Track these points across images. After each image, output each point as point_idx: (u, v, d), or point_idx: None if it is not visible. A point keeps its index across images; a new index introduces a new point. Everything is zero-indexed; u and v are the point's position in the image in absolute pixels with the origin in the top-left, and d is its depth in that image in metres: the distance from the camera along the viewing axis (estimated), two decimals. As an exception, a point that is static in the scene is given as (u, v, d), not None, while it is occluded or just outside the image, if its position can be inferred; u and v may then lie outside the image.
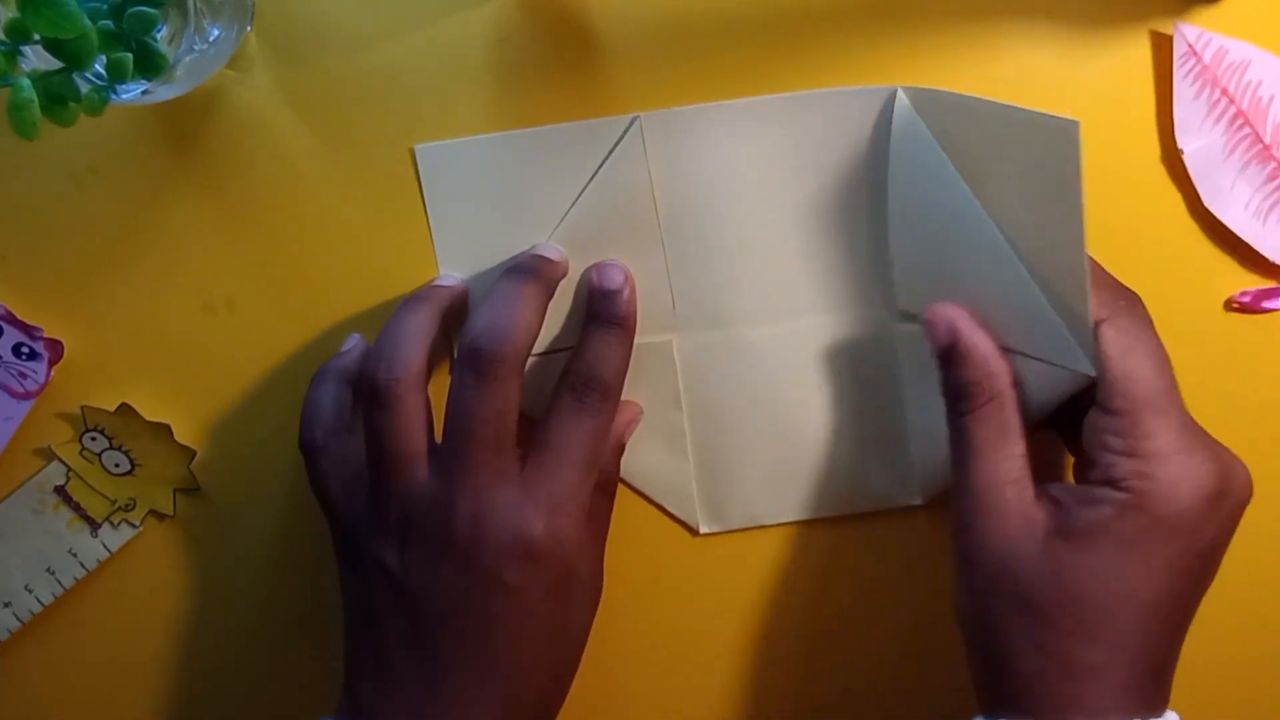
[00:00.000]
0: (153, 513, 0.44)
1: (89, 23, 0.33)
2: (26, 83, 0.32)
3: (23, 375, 0.42)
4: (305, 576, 0.44)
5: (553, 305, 0.41)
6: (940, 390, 0.38)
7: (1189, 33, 0.40)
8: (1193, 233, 0.42)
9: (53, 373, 0.42)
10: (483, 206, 0.42)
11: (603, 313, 0.40)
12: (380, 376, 0.38)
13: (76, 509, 0.44)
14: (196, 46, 0.38)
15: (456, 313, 0.42)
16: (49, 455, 0.43)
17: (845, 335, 0.42)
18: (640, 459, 0.43)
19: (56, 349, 0.42)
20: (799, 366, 0.43)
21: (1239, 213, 0.41)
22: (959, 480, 0.37)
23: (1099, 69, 0.41)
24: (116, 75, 0.34)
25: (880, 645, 0.44)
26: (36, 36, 0.33)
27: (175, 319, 0.43)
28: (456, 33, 0.41)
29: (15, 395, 0.42)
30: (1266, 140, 0.41)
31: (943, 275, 0.39)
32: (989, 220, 0.38)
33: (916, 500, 0.43)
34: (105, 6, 0.34)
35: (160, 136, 0.42)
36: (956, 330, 0.38)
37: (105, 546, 0.44)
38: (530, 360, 0.42)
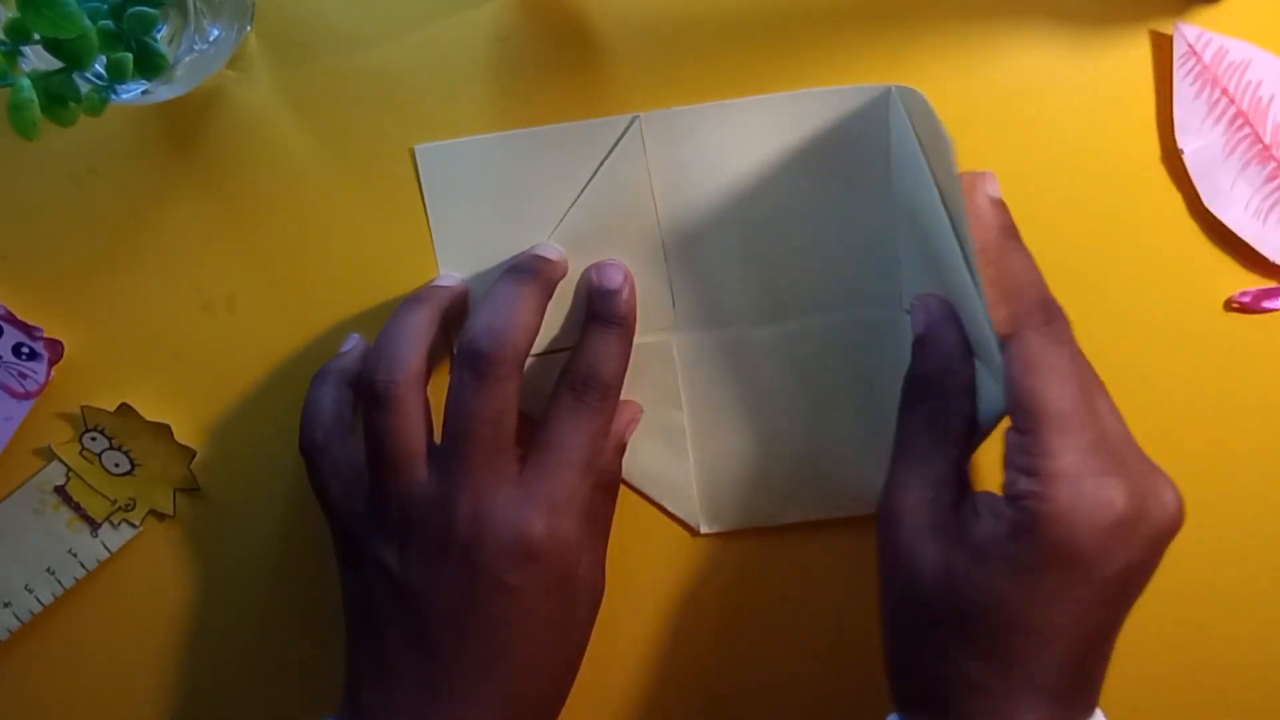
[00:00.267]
0: (153, 513, 0.44)
1: (89, 23, 0.33)
2: (26, 83, 0.32)
3: (23, 375, 0.42)
4: (305, 576, 0.44)
5: (552, 305, 0.41)
6: None
7: (1189, 33, 0.40)
8: (1193, 233, 0.42)
9: (53, 373, 0.42)
10: (483, 206, 0.42)
11: (602, 312, 0.40)
12: (379, 378, 0.38)
13: (76, 509, 0.44)
14: (196, 46, 0.38)
15: (456, 313, 0.42)
16: (49, 455, 0.43)
17: (845, 335, 0.42)
18: (641, 459, 0.43)
19: (56, 349, 0.42)
20: (799, 366, 0.43)
21: (1239, 213, 0.41)
22: (887, 475, 0.37)
23: (1099, 69, 0.41)
24: (116, 75, 0.34)
25: (881, 645, 0.44)
26: (36, 36, 0.33)
27: (175, 319, 0.43)
28: (456, 33, 0.41)
29: (15, 395, 0.42)
30: (1266, 140, 0.41)
31: (933, 276, 0.39)
32: (950, 228, 0.37)
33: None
34: (105, 6, 0.34)
35: (160, 136, 0.42)
36: (929, 322, 0.37)
37: (105, 546, 0.44)
38: (530, 360, 0.42)
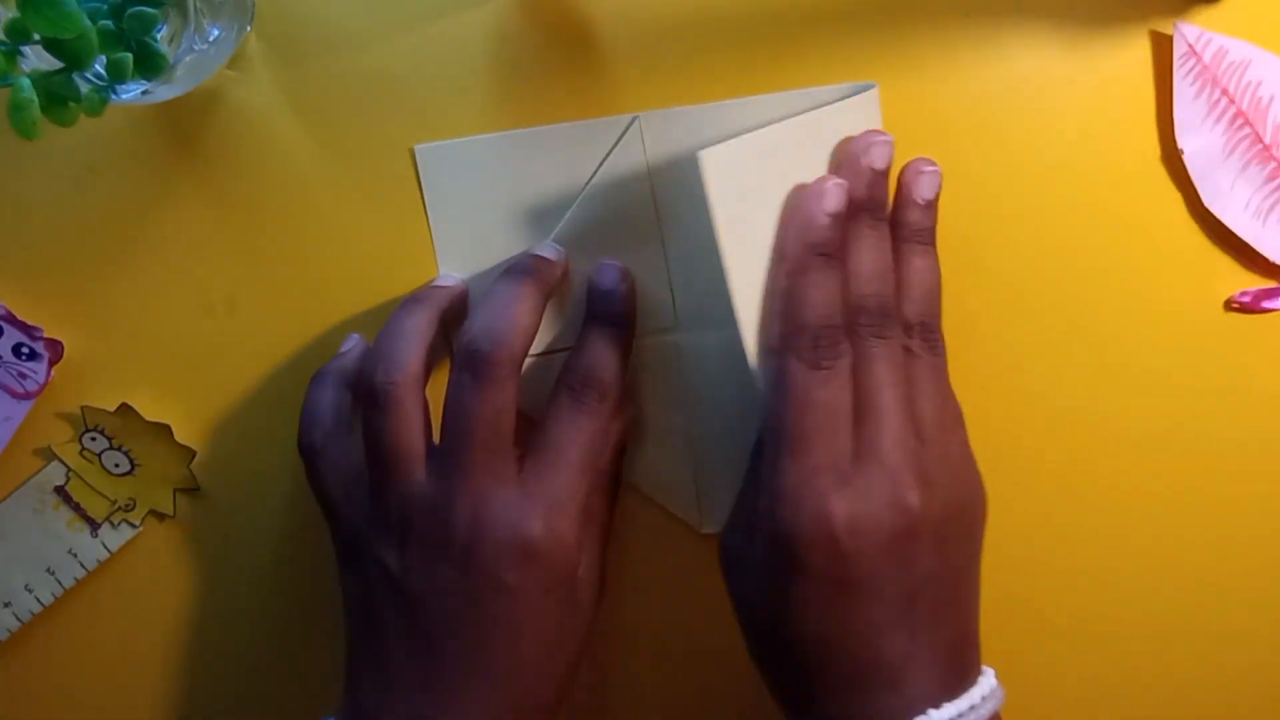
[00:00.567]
0: (153, 513, 0.44)
1: (89, 23, 0.33)
2: (26, 83, 0.32)
3: (23, 375, 0.42)
4: (305, 576, 0.44)
5: (553, 305, 0.41)
6: None
7: (1189, 33, 0.40)
8: (1193, 233, 0.42)
9: (53, 373, 0.42)
10: (482, 206, 0.42)
11: (601, 313, 0.40)
12: (378, 379, 0.38)
13: (76, 509, 0.44)
14: (196, 46, 0.38)
15: (456, 313, 0.42)
16: (49, 455, 0.43)
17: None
18: (642, 459, 0.43)
19: (56, 349, 0.42)
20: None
21: (1239, 213, 0.41)
22: None
23: (1099, 69, 0.41)
24: (116, 75, 0.34)
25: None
26: (36, 36, 0.33)
27: (175, 319, 0.43)
28: (456, 33, 0.41)
29: (15, 395, 0.42)
30: (1266, 140, 0.41)
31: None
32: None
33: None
34: (105, 6, 0.34)
35: (160, 136, 0.42)
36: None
37: (105, 546, 0.44)
38: (530, 360, 0.42)
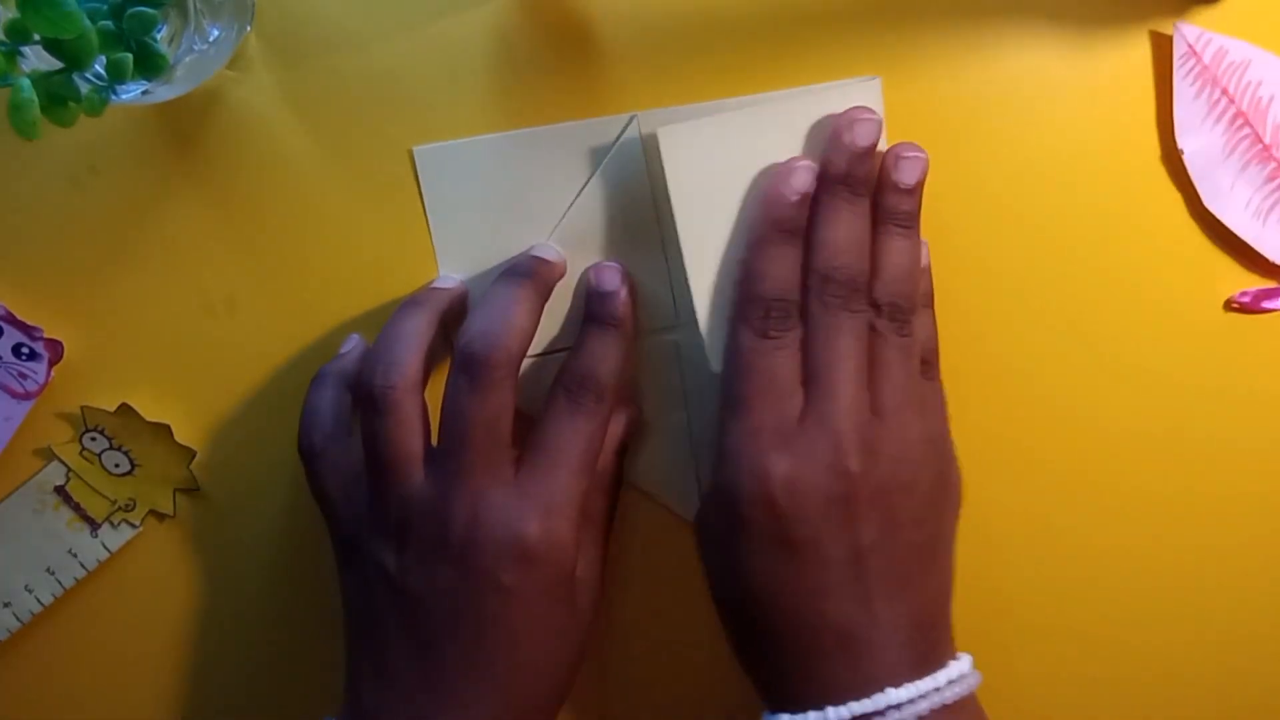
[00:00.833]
0: (153, 513, 0.44)
1: (89, 23, 0.33)
2: (26, 83, 0.32)
3: (23, 375, 0.42)
4: (305, 576, 0.44)
5: (553, 305, 0.41)
6: None
7: (1189, 33, 0.40)
8: (1193, 233, 0.42)
9: (53, 373, 0.42)
10: (482, 207, 0.42)
11: (599, 313, 0.40)
12: (377, 383, 0.38)
13: (76, 509, 0.44)
14: (196, 46, 0.38)
15: (456, 314, 0.42)
16: (49, 455, 0.43)
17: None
18: (644, 458, 0.43)
19: (56, 349, 0.42)
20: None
21: (1239, 213, 0.41)
22: None
23: (1099, 69, 0.41)
24: (116, 75, 0.34)
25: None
26: (36, 36, 0.33)
27: (175, 319, 0.43)
28: (456, 33, 0.41)
29: (15, 395, 0.42)
30: (1266, 140, 0.41)
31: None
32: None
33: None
34: (105, 6, 0.34)
35: (160, 136, 0.42)
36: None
37: (105, 546, 0.44)
38: (530, 361, 0.42)
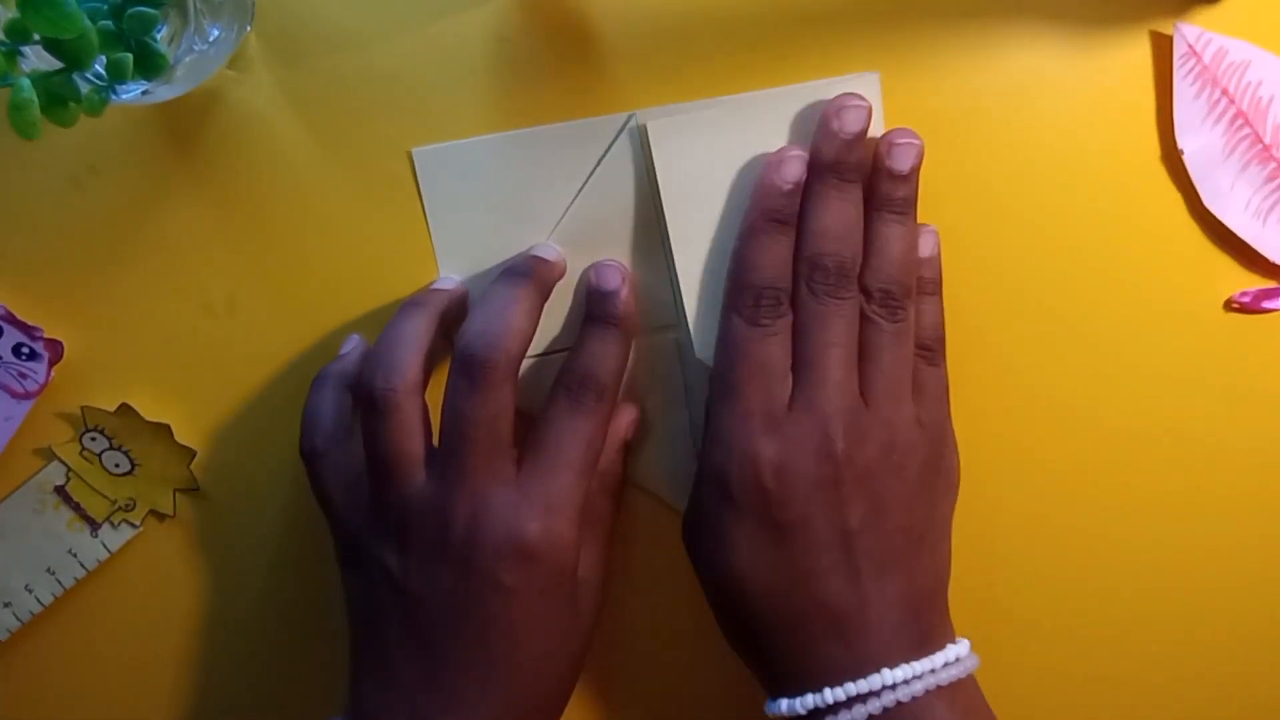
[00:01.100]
0: (153, 513, 0.44)
1: (89, 23, 0.32)
2: (26, 83, 0.32)
3: (23, 375, 0.42)
4: (306, 576, 0.44)
5: (553, 305, 0.41)
6: None
7: (1189, 33, 0.40)
8: (1193, 233, 0.42)
9: (53, 373, 0.42)
10: (481, 207, 0.42)
11: (599, 313, 0.40)
12: (378, 385, 0.38)
13: (76, 509, 0.44)
14: (196, 46, 0.38)
15: (456, 315, 0.42)
16: (49, 455, 0.43)
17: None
18: (646, 457, 0.43)
19: (56, 349, 0.42)
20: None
21: (1239, 213, 0.41)
22: None
23: (1099, 69, 0.41)
24: (116, 75, 0.34)
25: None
26: (36, 36, 0.33)
27: (175, 319, 0.43)
28: (456, 33, 0.41)
29: (15, 395, 0.42)
30: (1266, 140, 0.41)
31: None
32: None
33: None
34: (105, 6, 0.34)
35: (160, 136, 0.42)
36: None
37: (105, 546, 0.44)
38: (531, 361, 0.42)
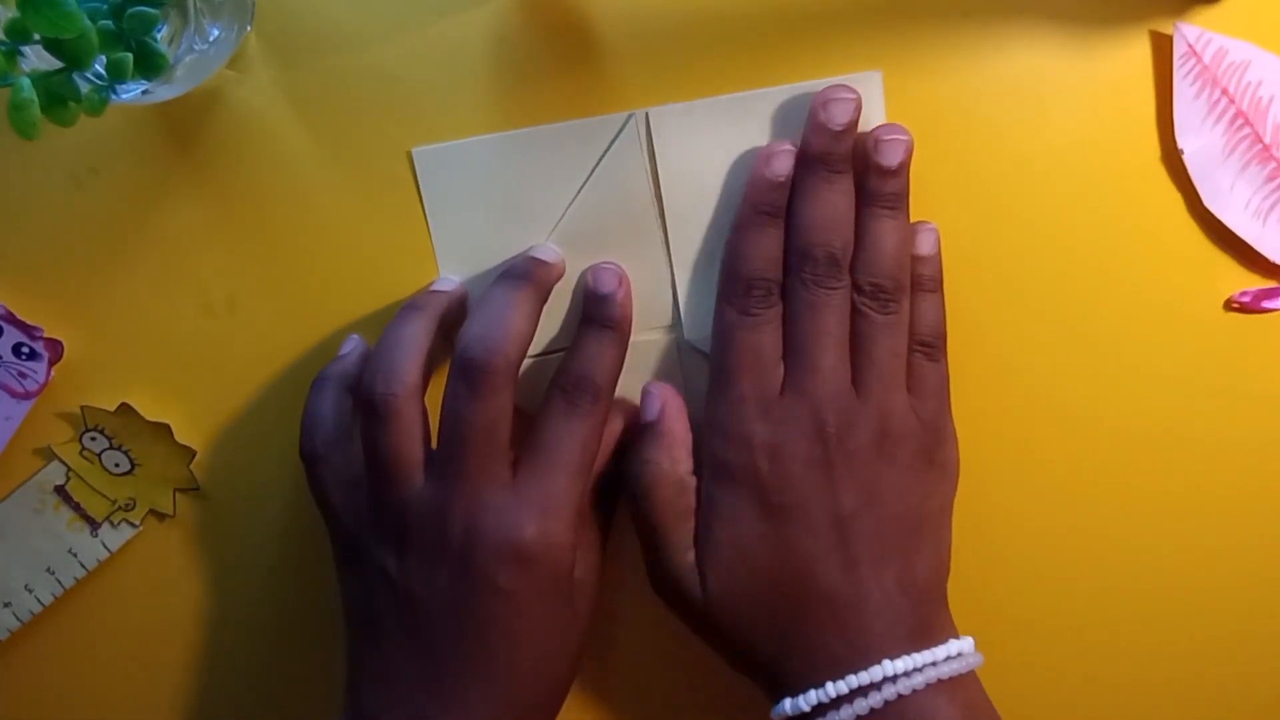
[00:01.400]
0: (153, 513, 0.44)
1: (89, 23, 0.33)
2: (26, 83, 0.32)
3: (23, 375, 0.42)
4: (306, 576, 0.44)
5: (551, 305, 0.41)
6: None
7: (1189, 33, 0.40)
8: (1193, 233, 0.42)
9: (53, 373, 0.42)
10: (481, 208, 0.42)
11: (596, 315, 0.40)
12: (378, 390, 0.38)
13: (76, 509, 0.44)
14: (196, 46, 0.38)
15: (456, 317, 0.42)
16: (49, 455, 0.43)
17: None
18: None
19: (56, 349, 0.42)
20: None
21: (1239, 213, 0.41)
22: None
23: (1099, 69, 0.41)
24: (116, 75, 0.34)
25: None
26: (36, 36, 0.33)
27: (175, 319, 0.43)
28: (456, 33, 0.41)
29: (15, 395, 0.42)
30: (1266, 140, 0.41)
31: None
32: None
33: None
34: (105, 6, 0.34)
35: (160, 136, 0.42)
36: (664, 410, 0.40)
37: (105, 546, 0.44)
38: (529, 361, 0.42)
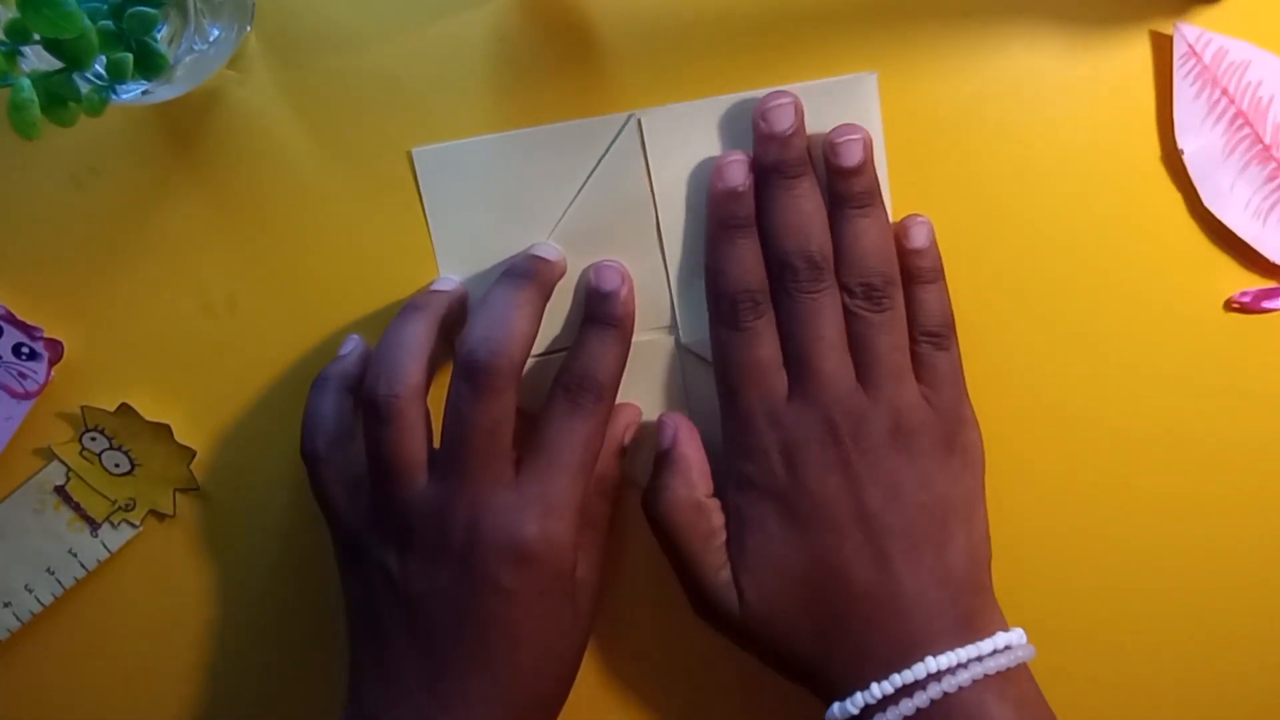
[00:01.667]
0: (153, 513, 0.44)
1: (89, 23, 0.33)
2: (26, 83, 0.32)
3: (23, 375, 0.42)
4: (306, 577, 0.44)
5: (553, 305, 0.41)
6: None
7: (1189, 33, 0.40)
8: (1193, 233, 0.42)
9: (53, 373, 0.42)
10: (481, 207, 0.42)
11: (599, 314, 0.40)
12: (380, 391, 0.38)
13: (76, 509, 0.44)
14: (196, 46, 0.38)
15: (457, 316, 0.42)
16: (49, 455, 0.43)
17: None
18: (643, 457, 0.43)
19: (56, 349, 0.42)
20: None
21: (1239, 213, 0.41)
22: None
23: (1099, 69, 0.41)
24: (116, 75, 0.34)
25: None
26: (36, 36, 0.33)
27: (175, 319, 0.43)
28: (456, 33, 0.41)
29: (15, 395, 0.42)
30: (1266, 140, 0.41)
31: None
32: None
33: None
34: (105, 6, 0.34)
35: (160, 136, 0.42)
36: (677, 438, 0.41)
37: (105, 546, 0.44)
38: (531, 360, 0.42)
